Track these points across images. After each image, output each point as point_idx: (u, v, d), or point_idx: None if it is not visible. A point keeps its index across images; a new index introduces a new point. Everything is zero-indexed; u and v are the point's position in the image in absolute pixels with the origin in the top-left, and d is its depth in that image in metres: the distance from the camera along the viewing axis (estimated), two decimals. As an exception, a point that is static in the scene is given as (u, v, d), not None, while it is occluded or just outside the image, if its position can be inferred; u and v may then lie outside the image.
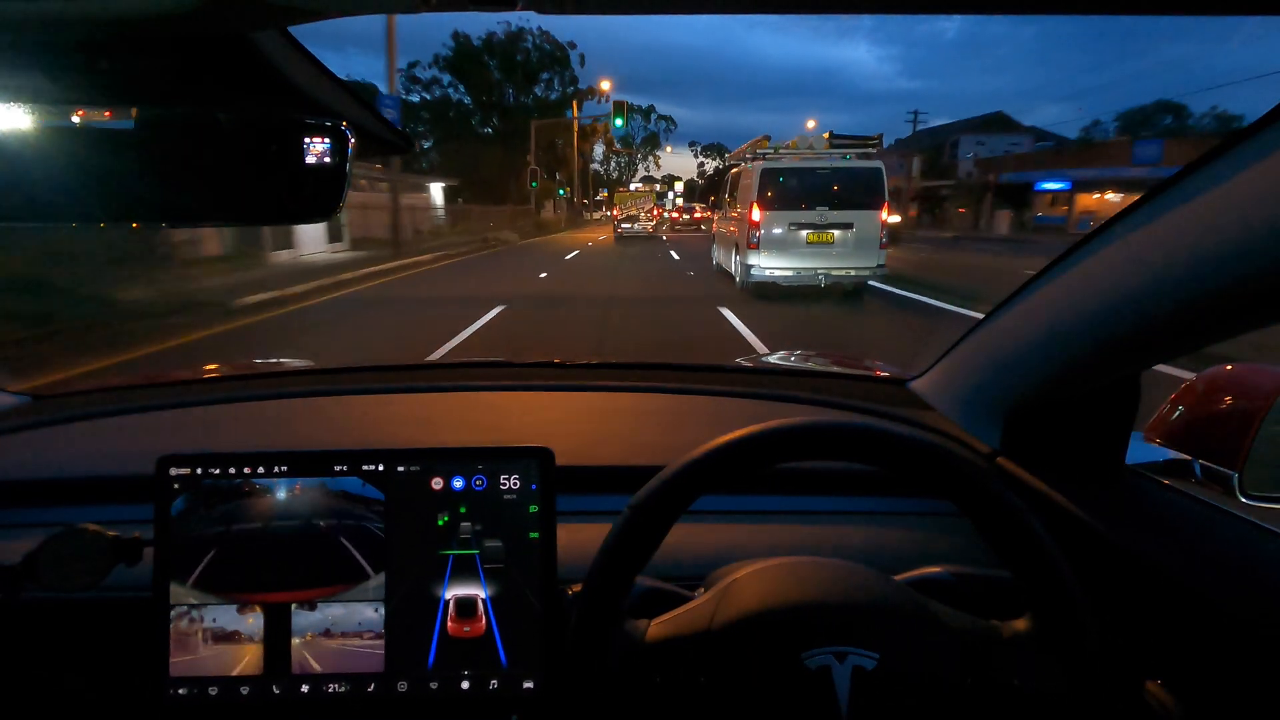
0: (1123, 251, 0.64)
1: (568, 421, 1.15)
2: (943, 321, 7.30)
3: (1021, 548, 0.53)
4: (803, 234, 8.72)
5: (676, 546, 0.62)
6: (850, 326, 7.48)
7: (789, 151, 9.21)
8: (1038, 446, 0.86)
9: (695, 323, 7.43)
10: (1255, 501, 0.71)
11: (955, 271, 12.30)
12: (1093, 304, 0.67)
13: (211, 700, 0.66)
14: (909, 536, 0.88)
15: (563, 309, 8.45)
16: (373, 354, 5.90)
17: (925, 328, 7.06)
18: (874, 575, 0.60)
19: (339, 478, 0.69)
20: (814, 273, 8.67)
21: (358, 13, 0.40)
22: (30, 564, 0.67)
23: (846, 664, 0.53)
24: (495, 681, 0.67)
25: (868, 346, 6.39)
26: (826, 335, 6.98)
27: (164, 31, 0.42)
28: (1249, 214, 0.49)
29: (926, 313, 8.10)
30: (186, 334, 6.66)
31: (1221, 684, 0.60)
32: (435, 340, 6.13)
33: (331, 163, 0.56)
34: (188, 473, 0.68)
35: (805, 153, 9.13)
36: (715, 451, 0.55)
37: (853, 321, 7.79)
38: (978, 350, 0.94)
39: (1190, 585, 0.62)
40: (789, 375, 1.48)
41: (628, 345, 6.27)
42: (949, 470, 0.54)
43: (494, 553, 0.68)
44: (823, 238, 8.70)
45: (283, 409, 1.21)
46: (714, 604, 0.60)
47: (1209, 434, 0.78)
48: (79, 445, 1.06)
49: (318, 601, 0.67)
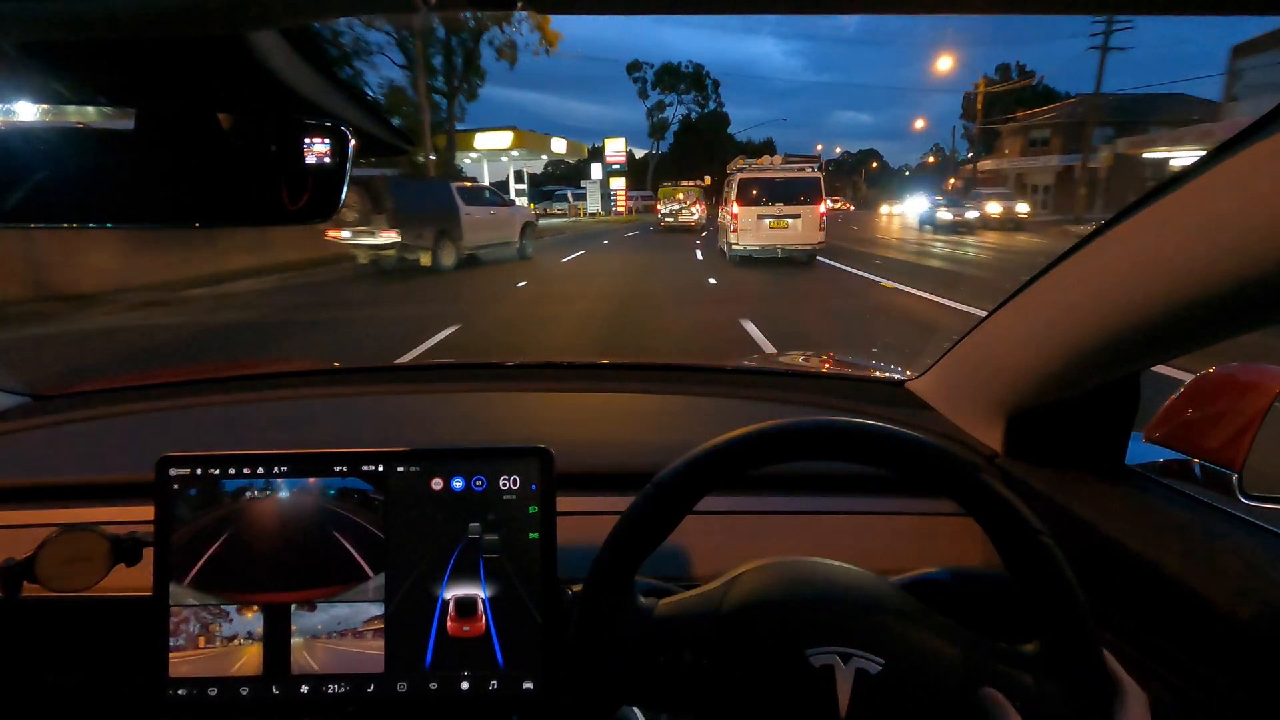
0: (1122, 251, 0.64)
1: (567, 422, 1.15)
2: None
3: (1038, 571, 0.52)
4: (766, 222, 13.12)
5: (676, 546, 0.62)
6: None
7: (757, 167, 14.31)
8: (1038, 447, 0.86)
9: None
10: (1255, 501, 0.71)
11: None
12: (1092, 304, 0.67)
13: (211, 701, 0.66)
14: (909, 536, 0.88)
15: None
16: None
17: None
18: (885, 583, 0.60)
19: (339, 478, 0.69)
20: (775, 248, 13.20)
21: (358, 13, 0.40)
22: (30, 564, 0.67)
23: (850, 665, 0.53)
24: (495, 682, 0.67)
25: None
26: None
27: (164, 31, 0.42)
28: (1249, 214, 0.49)
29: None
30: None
31: (1222, 684, 0.60)
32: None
33: (331, 163, 0.56)
34: (188, 473, 0.68)
35: (769, 168, 14.14)
36: (743, 439, 0.55)
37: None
38: (977, 351, 0.94)
39: (1190, 586, 0.62)
40: (788, 376, 1.48)
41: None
42: (978, 490, 0.53)
43: (493, 553, 0.68)
44: (780, 225, 13.12)
45: (283, 409, 1.21)
46: (723, 591, 0.60)
47: (1209, 434, 0.78)
48: (79, 445, 1.07)
49: (317, 602, 0.67)
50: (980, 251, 16.80)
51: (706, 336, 6.45)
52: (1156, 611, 0.66)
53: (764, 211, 13.10)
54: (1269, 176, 0.48)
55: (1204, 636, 0.61)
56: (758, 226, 13.11)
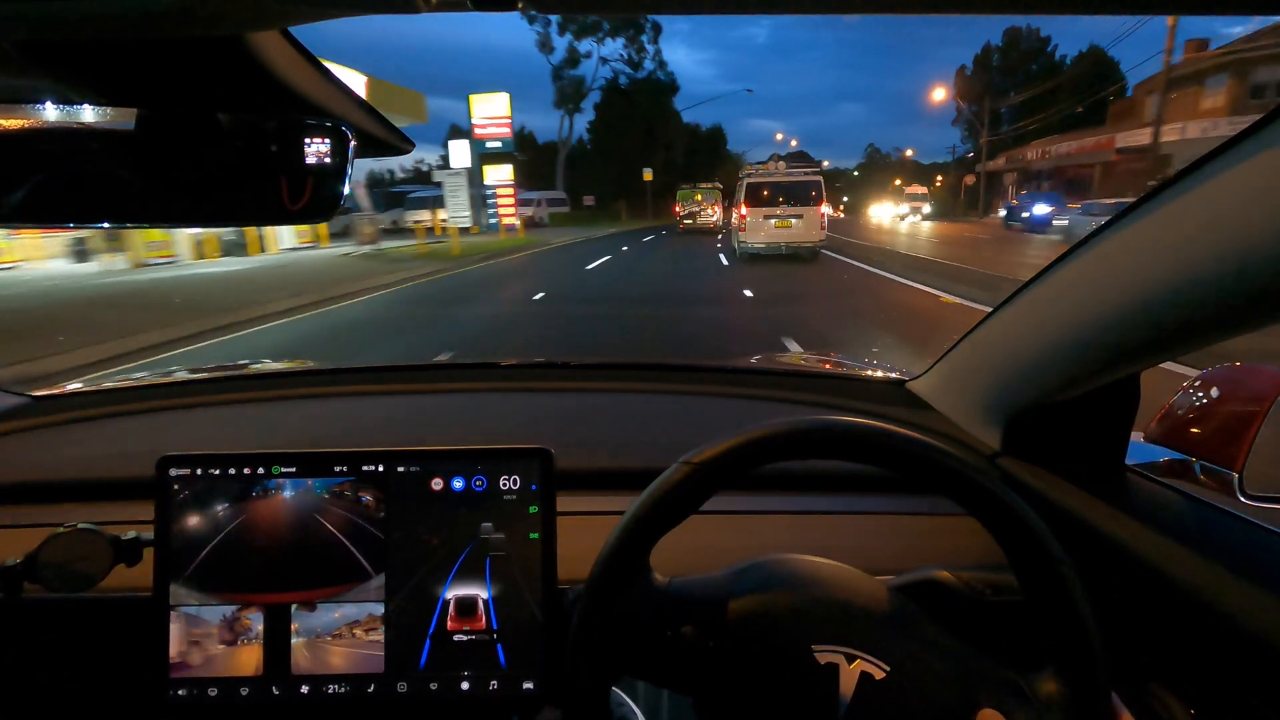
0: (1122, 251, 0.64)
1: (567, 422, 1.15)
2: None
3: (1055, 601, 0.51)
4: (772, 221, 14.78)
5: (676, 544, 0.62)
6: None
7: (764, 172, 16.03)
8: (1038, 447, 0.86)
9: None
10: (1255, 501, 0.71)
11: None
12: (1092, 304, 0.67)
13: (211, 701, 0.66)
14: (909, 536, 0.88)
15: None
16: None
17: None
18: (895, 592, 0.60)
19: (339, 478, 0.69)
20: (779, 244, 14.81)
21: (358, 13, 0.40)
22: (31, 564, 0.67)
23: (854, 667, 0.53)
24: (495, 682, 0.67)
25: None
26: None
27: (164, 31, 0.42)
28: (1250, 213, 0.49)
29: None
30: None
31: (1223, 685, 0.60)
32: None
33: (332, 163, 0.56)
34: (188, 473, 0.68)
35: (775, 173, 15.89)
36: (775, 430, 0.54)
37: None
38: (977, 351, 0.94)
39: (1191, 586, 0.62)
40: (788, 376, 1.48)
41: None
42: (1009, 515, 0.52)
43: (494, 553, 0.68)
44: (784, 224, 14.74)
45: (283, 410, 1.21)
46: (735, 578, 0.60)
47: (1209, 434, 0.78)
48: (79, 446, 1.07)
49: (318, 602, 0.67)
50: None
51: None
52: (1157, 612, 0.66)
53: (770, 212, 14.74)
54: (1270, 176, 0.48)
55: (1206, 637, 0.61)
56: (764, 225, 14.73)
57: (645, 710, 0.80)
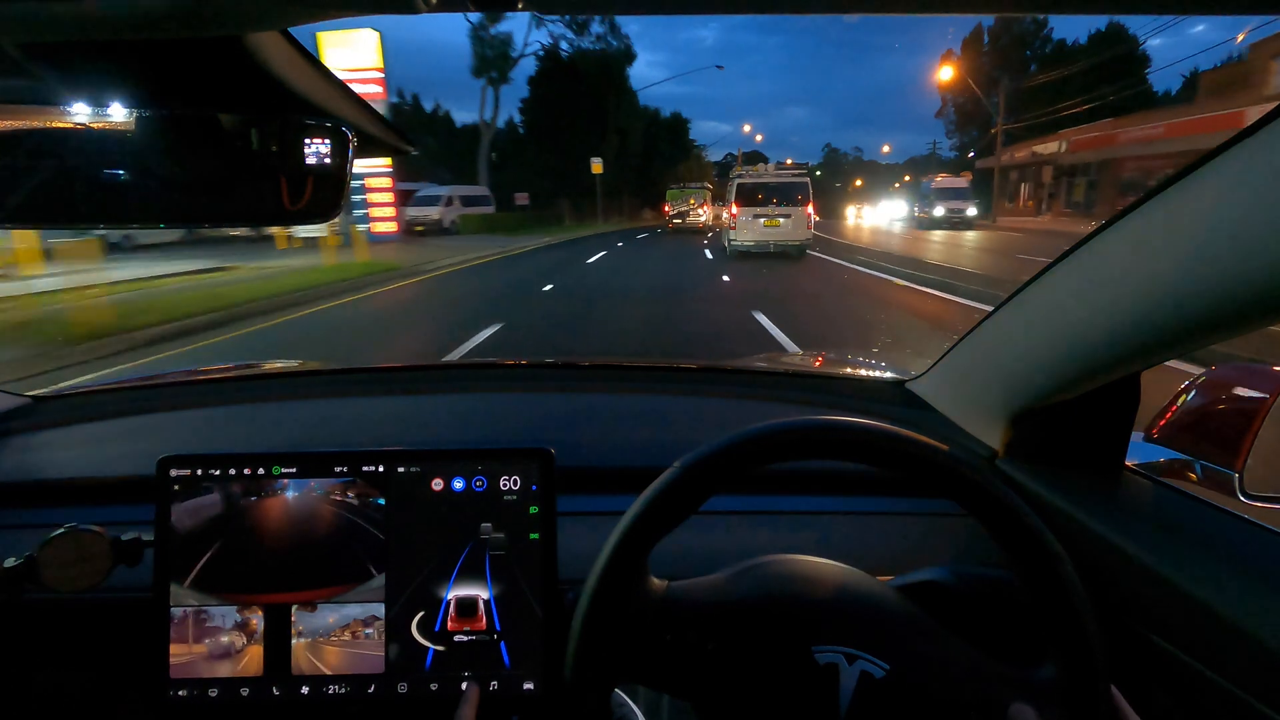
0: (1121, 252, 0.63)
1: (567, 422, 1.15)
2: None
3: (1053, 596, 0.51)
4: (761, 220, 15.32)
5: (676, 545, 0.62)
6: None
7: (754, 174, 16.79)
8: (1038, 447, 0.86)
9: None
10: (1255, 501, 0.71)
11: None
12: (1092, 304, 0.67)
13: (212, 701, 0.66)
14: (909, 536, 0.88)
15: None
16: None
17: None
18: (894, 591, 0.60)
19: (339, 478, 0.69)
20: (768, 243, 15.35)
21: (358, 13, 0.40)
22: (31, 565, 0.67)
23: (855, 667, 0.53)
24: (495, 683, 0.67)
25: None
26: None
27: (164, 32, 0.42)
28: (1249, 213, 0.49)
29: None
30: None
31: (1222, 685, 0.59)
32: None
33: (332, 164, 0.56)
34: (188, 474, 0.68)
35: (764, 174, 16.76)
36: (772, 431, 0.54)
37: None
38: (977, 351, 0.94)
39: (1190, 586, 0.62)
40: (788, 376, 1.48)
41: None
42: (991, 501, 0.52)
43: (494, 554, 0.68)
44: (772, 223, 15.31)
45: (283, 410, 1.21)
46: (734, 580, 0.60)
47: (1209, 434, 0.78)
48: (79, 446, 1.07)
49: (318, 602, 0.67)
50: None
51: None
52: (1157, 612, 0.66)
53: (759, 211, 15.40)
54: (1270, 176, 0.48)
55: (1205, 637, 0.61)
56: (754, 225, 15.35)
57: (645, 710, 0.80)
